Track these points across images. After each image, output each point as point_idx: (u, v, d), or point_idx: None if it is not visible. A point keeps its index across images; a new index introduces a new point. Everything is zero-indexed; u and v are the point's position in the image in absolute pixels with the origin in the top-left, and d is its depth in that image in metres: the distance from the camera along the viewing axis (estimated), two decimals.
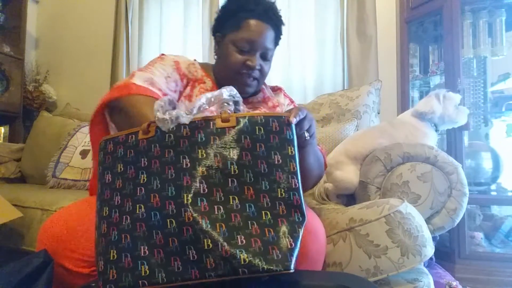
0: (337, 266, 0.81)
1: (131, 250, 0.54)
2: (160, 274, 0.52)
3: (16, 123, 2.46)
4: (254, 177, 0.56)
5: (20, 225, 1.30)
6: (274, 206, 0.55)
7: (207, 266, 0.51)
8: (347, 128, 1.52)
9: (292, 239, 0.53)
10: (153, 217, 0.55)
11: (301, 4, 2.21)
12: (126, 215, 0.56)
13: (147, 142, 0.59)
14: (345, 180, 1.22)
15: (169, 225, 0.54)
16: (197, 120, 0.58)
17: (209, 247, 0.51)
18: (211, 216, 0.53)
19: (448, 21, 1.72)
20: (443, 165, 1.05)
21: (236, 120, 0.58)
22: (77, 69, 2.67)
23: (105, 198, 0.59)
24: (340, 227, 0.86)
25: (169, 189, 0.55)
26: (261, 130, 0.58)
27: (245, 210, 0.54)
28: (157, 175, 0.57)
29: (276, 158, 0.57)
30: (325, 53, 2.17)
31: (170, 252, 0.53)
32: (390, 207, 0.82)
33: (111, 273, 0.54)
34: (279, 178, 0.56)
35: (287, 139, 0.58)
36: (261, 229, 0.53)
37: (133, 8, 2.49)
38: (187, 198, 0.54)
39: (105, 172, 0.61)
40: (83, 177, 1.75)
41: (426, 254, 0.79)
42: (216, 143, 0.57)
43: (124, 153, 0.60)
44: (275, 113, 0.61)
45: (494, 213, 1.75)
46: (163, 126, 0.58)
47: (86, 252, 0.67)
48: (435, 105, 1.23)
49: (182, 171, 0.56)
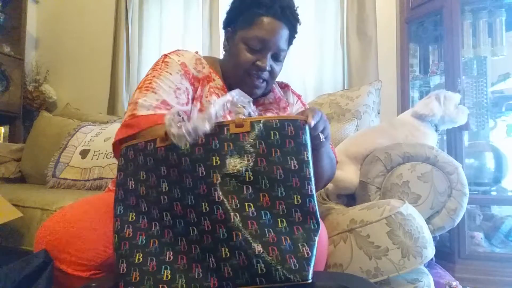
0: (338, 267, 0.81)
1: (157, 254, 0.56)
2: (180, 279, 0.53)
3: (16, 123, 2.46)
4: (270, 183, 0.55)
5: (20, 225, 1.30)
6: (290, 213, 0.54)
7: (225, 275, 0.52)
8: (347, 128, 1.52)
9: (309, 247, 0.52)
10: (178, 224, 0.57)
11: (301, 4, 2.19)
12: (155, 222, 0.58)
13: (164, 150, 0.59)
14: (345, 180, 1.22)
15: (191, 232, 0.55)
16: None
17: (227, 255, 0.52)
18: (227, 224, 0.53)
19: (448, 21, 1.72)
20: (443, 165, 1.05)
21: (251, 125, 0.57)
22: (77, 69, 2.67)
23: (130, 204, 0.61)
24: (340, 228, 0.86)
25: (189, 198, 0.56)
26: (276, 135, 0.57)
27: (261, 218, 0.53)
28: (177, 183, 0.58)
29: (292, 164, 0.55)
30: (325, 53, 2.17)
31: (192, 259, 0.54)
32: (391, 209, 0.82)
33: (133, 276, 0.55)
34: (295, 184, 0.55)
35: (303, 143, 0.57)
36: (278, 237, 0.52)
37: (133, 8, 2.49)
38: (205, 207, 0.54)
39: (128, 179, 0.62)
40: (83, 177, 1.75)
41: (427, 256, 0.79)
42: (230, 150, 0.56)
43: (144, 161, 0.61)
44: (290, 117, 0.59)
45: (494, 213, 1.75)
46: (181, 142, 0.55)
47: (83, 255, 0.65)
48: (435, 107, 1.23)
49: (198, 179, 0.56)
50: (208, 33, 2.29)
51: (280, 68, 0.91)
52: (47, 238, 0.65)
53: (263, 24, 0.83)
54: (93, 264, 0.66)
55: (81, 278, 0.65)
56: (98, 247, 0.66)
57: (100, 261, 0.66)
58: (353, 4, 2.06)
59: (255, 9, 0.83)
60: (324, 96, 1.76)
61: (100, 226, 0.68)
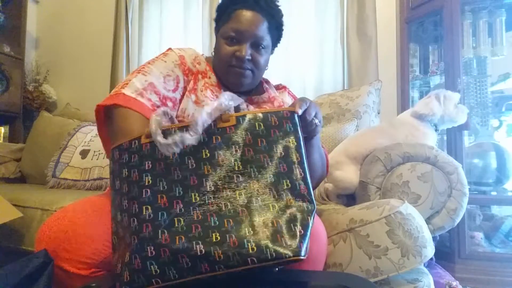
0: (338, 267, 0.81)
1: (139, 251, 0.55)
2: (170, 271, 0.53)
3: (16, 123, 2.46)
4: (258, 171, 0.57)
5: (20, 225, 1.30)
6: (281, 197, 0.56)
7: (215, 258, 0.51)
8: (347, 128, 1.52)
9: (302, 226, 0.53)
10: (160, 217, 0.56)
11: (301, 4, 2.21)
12: (133, 217, 0.57)
13: (150, 145, 0.61)
14: (345, 180, 1.22)
15: (176, 223, 0.55)
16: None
17: (217, 239, 0.52)
18: (219, 213, 0.55)
19: (448, 21, 1.72)
20: (443, 165, 1.05)
21: (236, 119, 0.61)
22: (77, 69, 2.67)
23: (117, 204, 0.62)
24: (340, 227, 0.86)
25: (176, 189, 0.57)
26: (260, 125, 0.60)
27: (252, 204, 0.55)
28: (162, 176, 0.58)
29: (278, 151, 0.58)
30: (325, 53, 2.17)
31: (177, 250, 0.53)
32: (390, 208, 0.82)
33: (125, 275, 0.55)
34: (283, 169, 0.57)
35: (287, 131, 0.60)
36: (269, 220, 0.54)
37: (133, 8, 2.49)
38: (195, 197, 0.56)
39: (115, 179, 0.63)
40: (83, 177, 1.75)
41: (427, 255, 0.79)
42: (218, 142, 0.59)
43: (129, 159, 0.62)
44: (273, 109, 0.63)
45: (494, 213, 1.75)
46: (167, 151, 0.57)
47: (84, 254, 0.66)
48: (435, 107, 1.23)
49: (188, 171, 0.58)
50: (208, 33, 2.29)
51: (265, 58, 0.92)
52: (49, 236, 0.66)
53: (238, 17, 0.87)
54: (94, 262, 0.67)
55: (82, 276, 0.66)
56: (99, 245, 0.67)
57: (100, 259, 0.67)
58: (353, 4, 2.06)
59: (232, 6, 0.89)
60: (324, 96, 1.77)
61: (101, 225, 0.69)
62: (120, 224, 0.60)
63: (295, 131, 0.61)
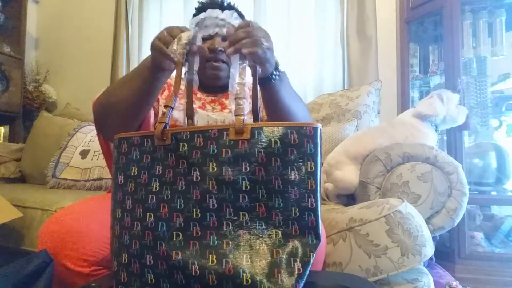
0: (337, 266, 0.81)
1: (139, 257, 0.54)
2: (165, 284, 0.53)
3: (16, 123, 2.46)
4: (267, 193, 0.52)
5: (20, 225, 1.30)
6: (287, 225, 0.51)
7: (209, 282, 0.50)
8: (347, 128, 1.52)
9: (301, 263, 0.49)
10: (160, 227, 0.54)
11: (301, 4, 2.21)
12: (137, 222, 0.56)
13: (164, 149, 0.57)
14: (345, 180, 1.22)
15: (175, 237, 0.53)
16: (211, 129, 0.55)
17: (213, 263, 0.50)
18: (219, 232, 0.52)
19: (448, 21, 1.72)
20: (443, 165, 1.05)
21: (251, 132, 0.54)
22: (77, 69, 2.67)
23: (117, 200, 0.60)
24: (340, 227, 0.86)
25: (178, 201, 0.54)
26: (277, 143, 0.52)
27: (255, 227, 0.52)
28: (168, 185, 0.56)
29: (293, 174, 0.52)
30: (325, 53, 2.17)
31: (173, 266, 0.52)
32: (390, 207, 0.82)
33: (122, 276, 0.55)
34: (294, 196, 0.51)
35: (307, 153, 0.52)
36: (269, 249, 0.50)
37: (133, 8, 2.49)
38: (196, 213, 0.53)
39: (118, 173, 0.60)
40: (83, 177, 1.75)
41: (426, 254, 0.79)
42: (228, 156, 0.53)
43: (140, 157, 0.59)
44: (296, 124, 0.54)
45: (494, 213, 1.75)
46: (175, 56, 0.60)
47: (86, 252, 0.67)
48: (439, 107, 1.23)
49: (192, 184, 0.54)
50: None
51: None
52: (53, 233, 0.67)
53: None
54: (95, 260, 0.68)
55: (83, 274, 0.66)
56: (100, 243, 0.68)
57: (102, 257, 0.68)
58: (353, 4, 2.06)
59: (198, 14, 0.98)
60: (324, 96, 1.76)
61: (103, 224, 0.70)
62: (119, 221, 0.58)
63: (315, 154, 0.52)
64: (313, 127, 0.53)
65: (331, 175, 1.26)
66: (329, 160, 1.30)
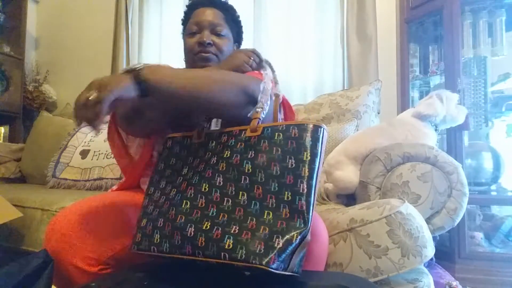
0: (338, 267, 0.81)
1: (154, 220, 0.64)
2: (165, 244, 0.60)
3: (16, 123, 2.46)
4: (266, 178, 0.58)
5: (20, 225, 1.30)
6: (278, 208, 0.55)
7: (198, 243, 0.56)
8: (347, 128, 1.52)
9: (283, 240, 0.52)
10: (175, 197, 0.65)
11: (301, 4, 2.21)
12: (164, 195, 0.68)
13: (198, 145, 0.70)
14: (345, 180, 1.22)
15: (183, 205, 0.62)
16: (234, 130, 0.66)
17: (207, 228, 0.57)
18: (219, 206, 0.59)
19: (448, 21, 1.72)
20: (443, 165, 1.05)
21: (262, 129, 0.63)
22: (77, 69, 2.67)
23: (153, 181, 0.72)
24: (340, 227, 0.86)
25: (195, 178, 0.64)
26: (280, 135, 0.61)
27: (250, 207, 0.57)
28: (192, 168, 0.67)
29: (290, 162, 0.58)
30: (325, 53, 2.17)
31: (175, 227, 0.60)
32: (391, 208, 0.82)
33: (138, 237, 0.65)
34: (289, 181, 0.57)
35: (305, 144, 0.59)
36: (257, 225, 0.55)
37: (133, 8, 2.49)
38: (205, 187, 0.62)
39: (160, 161, 0.74)
40: (83, 177, 1.75)
41: (427, 255, 0.79)
42: (241, 147, 0.63)
43: (180, 151, 0.72)
44: (298, 122, 0.62)
45: (494, 213, 1.75)
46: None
47: (94, 250, 0.67)
48: (439, 107, 1.23)
49: (208, 166, 0.64)
50: None
51: (227, 45, 0.98)
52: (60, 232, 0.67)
53: (196, 13, 0.98)
54: (101, 259, 0.68)
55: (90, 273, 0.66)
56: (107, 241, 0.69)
57: (108, 255, 0.69)
58: (353, 4, 2.06)
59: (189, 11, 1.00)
60: (324, 96, 1.76)
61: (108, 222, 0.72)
62: (149, 196, 0.70)
63: (313, 146, 0.59)
64: (313, 124, 0.60)
65: (331, 175, 1.26)
66: (329, 160, 1.30)
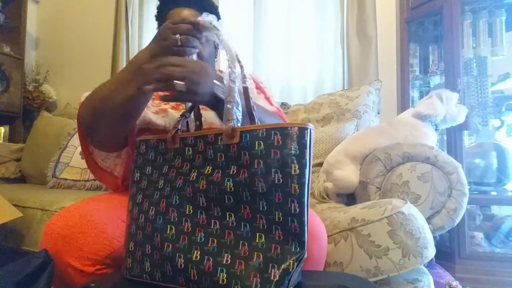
0: (338, 266, 0.81)
1: (141, 245, 0.59)
2: (157, 273, 0.56)
3: (16, 123, 2.46)
4: (251, 196, 0.51)
5: (20, 225, 1.30)
6: (271, 229, 0.50)
7: (191, 277, 0.52)
8: (347, 128, 1.52)
9: (279, 270, 0.48)
10: (157, 220, 0.58)
11: (301, 4, 2.21)
12: (142, 214, 0.61)
13: (173, 152, 0.62)
14: (345, 179, 1.22)
15: (168, 230, 0.57)
16: (209, 134, 0.58)
17: (197, 258, 0.52)
18: (207, 229, 0.54)
19: (448, 21, 1.72)
20: (443, 165, 1.05)
21: (240, 135, 0.54)
22: (77, 69, 2.67)
23: (131, 194, 0.66)
24: (341, 226, 0.86)
25: (174, 197, 0.58)
26: (260, 144, 0.52)
27: (240, 229, 0.52)
28: (170, 183, 0.60)
29: (276, 177, 0.50)
30: (325, 53, 2.17)
31: (164, 256, 0.55)
32: (392, 208, 0.82)
33: (128, 262, 0.61)
34: (278, 199, 0.50)
35: (291, 154, 0.50)
36: (250, 252, 0.50)
37: (133, 8, 2.49)
38: (189, 209, 0.56)
39: (135, 170, 0.67)
40: (83, 177, 1.75)
41: (427, 256, 0.79)
42: (221, 160, 0.55)
43: (154, 158, 0.65)
44: (279, 124, 0.53)
45: (494, 213, 1.75)
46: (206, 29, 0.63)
47: (91, 250, 0.67)
48: (439, 107, 1.23)
49: (187, 182, 0.57)
50: None
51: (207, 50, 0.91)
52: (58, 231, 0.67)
53: (169, 16, 0.91)
54: (98, 259, 0.67)
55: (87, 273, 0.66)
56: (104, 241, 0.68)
57: (105, 255, 0.68)
58: (353, 4, 2.06)
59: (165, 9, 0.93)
60: (324, 96, 1.76)
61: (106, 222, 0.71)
62: (130, 213, 0.64)
63: (300, 156, 0.50)
64: (298, 127, 0.51)
65: (331, 174, 1.26)
66: (329, 159, 1.30)
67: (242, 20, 2.29)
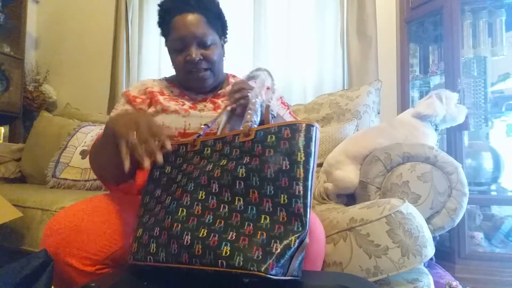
0: (338, 266, 0.81)
1: (149, 230, 0.63)
2: (161, 253, 0.59)
3: (16, 123, 2.46)
4: (260, 181, 0.57)
5: (20, 225, 1.30)
6: (275, 212, 0.54)
7: (195, 252, 0.55)
8: (347, 128, 1.52)
9: (281, 245, 0.51)
10: (171, 205, 0.63)
11: (301, 4, 2.21)
12: (159, 204, 0.66)
13: (193, 153, 0.69)
14: (345, 180, 1.22)
15: (179, 213, 0.60)
16: (227, 136, 0.66)
17: (203, 235, 0.56)
18: (216, 212, 0.58)
19: (448, 21, 1.72)
20: (443, 165, 1.05)
21: (255, 133, 0.63)
22: (77, 69, 2.68)
23: (148, 190, 0.71)
24: (340, 226, 0.86)
25: (190, 185, 0.63)
26: (272, 137, 0.60)
27: (246, 212, 0.56)
28: (187, 175, 0.66)
29: (284, 164, 0.57)
30: (325, 53, 2.17)
31: (172, 235, 0.59)
32: (391, 207, 0.82)
33: (134, 247, 0.64)
34: (284, 183, 0.55)
35: (298, 145, 0.57)
36: (255, 230, 0.53)
37: (133, 8, 2.49)
38: (201, 195, 0.61)
39: (155, 170, 0.72)
40: (83, 177, 1.75)
41: (427, 255, 0.79)
42: (236, 154, 0.62)
43: (175, 159, 0.71)
44: (289, 122, 0.61)
45: (494, 213, 1.75)
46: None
47: (91, 250, 0.67)
48: (438, 107, 1.23)
49: (204, 172, 0.63)
50: None
51: (216, 53, 0.93)
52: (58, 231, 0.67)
53: (175, 24, 0.89)
54: (98, 259, 0.68)
55: (87, 273, 0.66)
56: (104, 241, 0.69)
57: (105, 255, 0.69)
58: (353, 4, 2.06)
59: (167, 17, 0.91)
60: (324, 96, 1.77)
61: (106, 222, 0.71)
62: (145, 206, 0.69)
63: (306, 146, 0.57)
64: (306, 124, 0.59)
65: (331, 175, 1.26)
66: (329, 159, 1.30)
67: (242, 20, 2.29)
